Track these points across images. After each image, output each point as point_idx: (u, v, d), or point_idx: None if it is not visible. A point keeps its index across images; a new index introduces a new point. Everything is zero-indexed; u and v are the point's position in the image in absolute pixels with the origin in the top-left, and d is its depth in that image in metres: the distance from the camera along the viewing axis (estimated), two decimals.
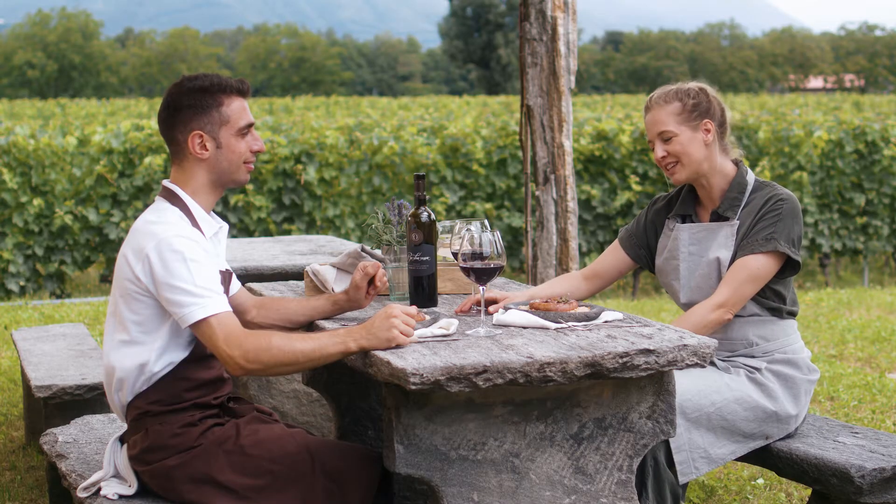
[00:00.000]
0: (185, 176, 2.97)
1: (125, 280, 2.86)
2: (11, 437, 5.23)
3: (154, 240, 2.81)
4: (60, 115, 31.72)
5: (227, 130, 2.95)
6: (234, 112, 2.96)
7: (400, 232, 3.39)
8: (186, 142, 2.94)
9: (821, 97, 46.39)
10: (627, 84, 77.60)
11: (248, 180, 3.07)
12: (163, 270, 2.78)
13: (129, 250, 2.86)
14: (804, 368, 3.43)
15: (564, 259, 6.21)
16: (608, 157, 11.65)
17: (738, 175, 3.46)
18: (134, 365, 2.89)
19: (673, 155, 3.41)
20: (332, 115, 29.71)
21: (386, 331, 2.69)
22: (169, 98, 2.98)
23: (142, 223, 2.90)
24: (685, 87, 3.47)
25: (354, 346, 2.71)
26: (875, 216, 12.41)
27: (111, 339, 2.93)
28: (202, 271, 2.80)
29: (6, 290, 10.19)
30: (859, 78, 75.81)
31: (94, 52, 74.79)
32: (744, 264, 3.32)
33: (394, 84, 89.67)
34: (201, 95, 2.94)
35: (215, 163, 2.96)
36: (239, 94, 2.98)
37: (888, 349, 6.94)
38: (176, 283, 2.77)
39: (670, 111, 3.42)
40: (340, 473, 2.89)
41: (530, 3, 6.18)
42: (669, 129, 3.41)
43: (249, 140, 2.98)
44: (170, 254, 2.78)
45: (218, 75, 2.99)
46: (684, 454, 3.24)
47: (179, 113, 2.94)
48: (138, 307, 2.87)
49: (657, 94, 3.49)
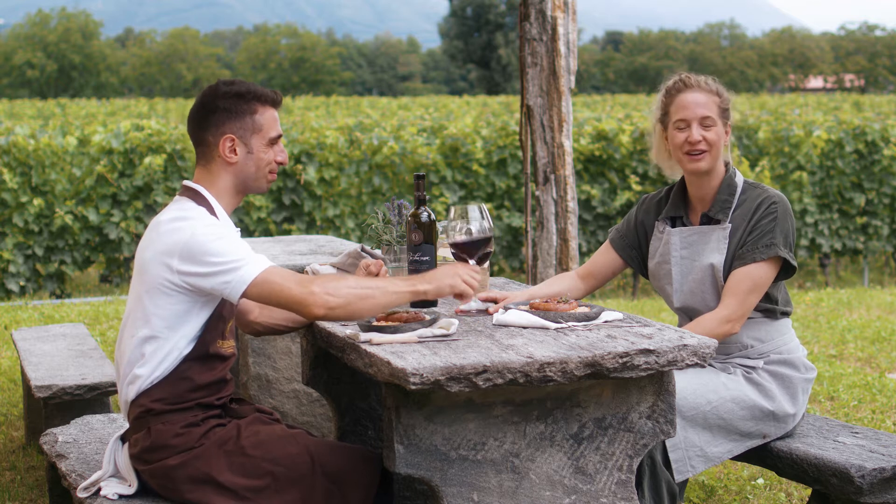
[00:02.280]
0: (210, 178, 3.00)
1: (155, 277, 2.87)
2: (11, 437, 5.23)
3: (187, 231, 2.84)
4: (60, 115, 31.72)
5: (259, 138, 2.99)
6: (267, 121, 3.01)
7: (400, 232, 3.40)
8: (217, 144, 2.98)
9: (821, 97, 46.40)
10: (627, 84, 77.62)
11: (268, 189, 3.10)
12: (202, 252, 2.81)
13: (161, 246, 2.87)
14: (801, 367, 3.43)
15: (564, 259, 6.21)
16: (608, 157, 11.65)
17: (728, 176, 3.43)
18: (152, 363, 2.90)
19: (708, 143, 3.36)
20: (332, 115, 29.71)
21: (450, 277, 2.83)
22: (204, 99, 3.01)
23: (166, 220, 2.91)
24: (717, 83, 3.43)
25: (421, 287, 2.83)
26: (875, 216, 12.41)
27: (131, 336, 2.93)
28: (238, 244, 2.86)
29: (6, 290, 10.19)
30: (859, 78, 75.81)
31: (94, 52, 74.80)
32: (747, 275, 3.29)
33: (394, 84, 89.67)
34: (237, 101, 2.98)
35: (243, 167, 2.99)
36: (273, 104, 3.04)
37: (888, 349, 6.94)
38: (216, 258, 2.80)
39: (714, 101, 3.39)
40: (340, 474, 2.89)
41: (530, 3, 6.18)
42: (712, 117, 3.37)
43: (276, 151, 3.03)
44: (203, 237, 2.82)
45: (254, 83, 3.05)
46: (680, 452, 3.23)
47: (213, 115, 2.98)
48: (166, 302, 2.87)
49: (700, 78, 3.42)
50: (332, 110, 36.93)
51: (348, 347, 2.79)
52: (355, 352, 2.74)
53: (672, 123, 3.42)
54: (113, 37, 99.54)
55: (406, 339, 2.75)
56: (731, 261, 3.35)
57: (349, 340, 2.79)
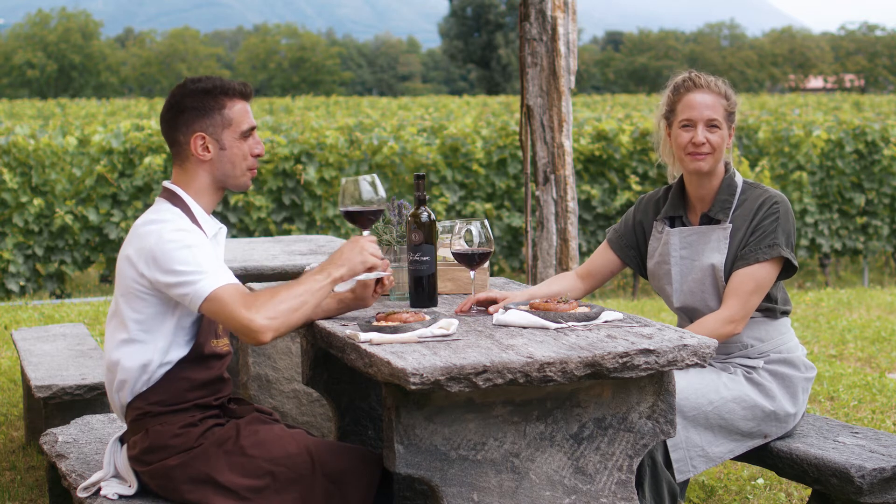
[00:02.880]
0: (186, 177, 2.98)
1: (128, 280, 2.87)
2: (11, 437, 5.23)
3: (155, 236, 2.82)
4: (60, 115, 31.71)
5: (230, 133, 2.96)
6: (236, 115, 2.97)
7: (400, 232, 3.40)
8: (189, 143, 2.95)
9: (821, 97, 46.39)
10: (627, 84, 77.60)
11: (250, 186, 3.07)
12: (165, 260, 2.79)
13: (132, 250, 2.87)
14: (801, 367, 3.43)
15: (564, 259, 6.21)
16: (608, 157, 11.65)
17: (728, 177, 3.43)
18: (135, 365, 2.90)
19: (712, 145, 3.34)
20: (332, 115, 29.70)
21: (358, 254, 2.87)
22: (172, 99, 2.99)
23: (141, 223, 2.90)
24: (726, 85, 3.41)
25: (336, 273, 2.85)
26: (875, 216, 12.41)
27: (112, 340, 2.94)
28: (203, 254, 2.81)
29: (6, 290, 10.19)
30: (859, 78, 75.80)
31: (94, 52, 74.80)
32: (751, 275, 3.29)
33: (394, 84, 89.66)
34: (204, 97, 2.95)
35: (217, 165, 2.97)
36: (241, 97, 3.00)
37: (888, 349, 6.94)
38: (178, 267, 2.78)
39: (721, 104, 3.37)
40: (340, 474, 2.89)
41: (530, 3, 6.18)
42: (719, 119, 3.35)
43: (251, 143, 2.99)
44: (169, 244, 2.80)
45: (221, 78, 3.01)
46: (681, 452, 3.23)
47: (182, 114, 2.95)
48: (140, 305, 2.87)
49: (710, 78, 3.40)
50: (332, 110, 36.93)
51: (348, 347, 2.79)
52: (355, 352, 2.74)
53: (677, 122, 3.40)
54: (113, 37, 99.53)
55: (406, 339, 2.75)
56: (732, 261, 3.35)
57: (349, 340, 2.79)
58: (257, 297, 2.76)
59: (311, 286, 2.82)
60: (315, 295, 2.82)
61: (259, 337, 2.74)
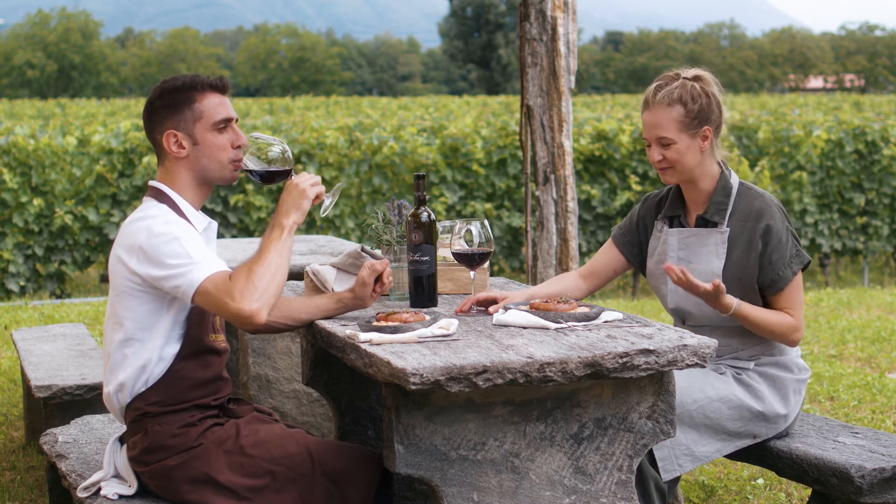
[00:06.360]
0: (169, 175, 2.98)
1: (121, 279, 2.87)
2: (11, 437, 5.23)
3: (144, 232, 2.83)
4: (60, 115, 31.70)
5: (202, 126, 2.94)
6: (207, 107, 2.95)
7: (400, 232, 3.39)
8: (163, 141, 2.96)
9: (821, 97, 46.40)
10: (627, 84, 77.61)
11: (237, 179, 3.05)
12: (156, 254, 2.79)
13: (122, 249, 2.87)
14: (793, 368, 3.43)
15: (564, 259, 6.21)
16: (608, 157, 11.65)
17: (723, 178, 3.42)
18: (134, 366, 2.90)
19: (668, 161, 3.36)
20: (332, 115, 29.69)
21: (300, 196, 2.89)
22: (148, 100, 3.01)
23: (129, 222, 2.91)
24: (688, 86, 3.32)
25: (288, 222, 2.86)
26: (875, 216, 12.41)
27: (110, 341, 2.94)
28: (192, 244, 2.81)
29: (6, 290, 10.19)
30: (859, 78, 75.82)
31: (93, 52, 74.83)
32: (796, 288, 3.35)
33: (394, 84, 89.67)
34: (174, 94, 2.95)
35: (195, 160, 2.96)
36: (213, 89, 2.97)
37: (888, 349, 6.94)
38: (169, 260, 2.78)
39: (672, 116, 3.31)
40: (340, 474, 2.89)
41: (530, 3, 6.18)
42: (668, 136, 3.32)
43: (231, 136, 2.97)
44: (159, 238, 2.80)
45: (195, 74, 3.00)
46: (666, 451, 3.23)
47: (156, 113, 2.97)
48: (134, 304, 2.87)
49: (661, 94, 3.33)
50: (332, 110, 36.93)
51: (348, 347, 2.79)
52: (355, 352, 2.74)
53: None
54: (113, 37, 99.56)
55: (406, 339, 2.75)
56: (732, 268, 3.35)
57: (349, 340, 2.79)
58: (236, 284, 2.74)
59: (276, 248, 2.81)
60: (283, 255, 2.82)
61: (253, 321, 2.74)
